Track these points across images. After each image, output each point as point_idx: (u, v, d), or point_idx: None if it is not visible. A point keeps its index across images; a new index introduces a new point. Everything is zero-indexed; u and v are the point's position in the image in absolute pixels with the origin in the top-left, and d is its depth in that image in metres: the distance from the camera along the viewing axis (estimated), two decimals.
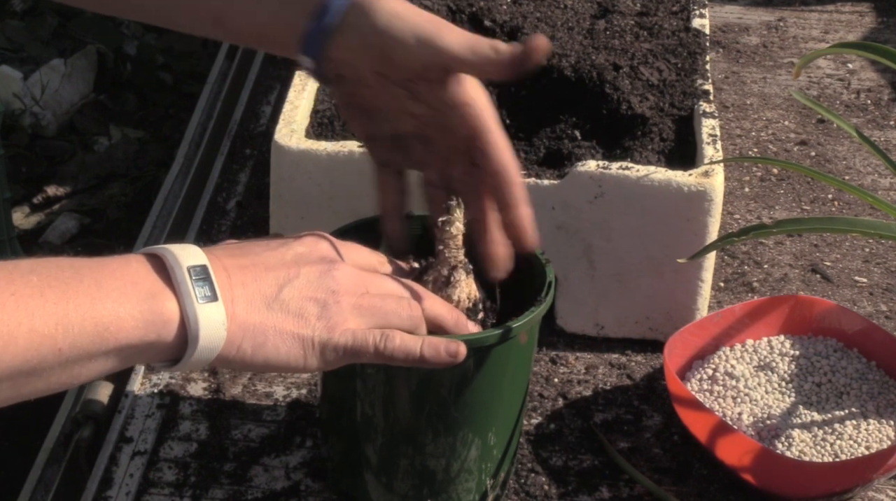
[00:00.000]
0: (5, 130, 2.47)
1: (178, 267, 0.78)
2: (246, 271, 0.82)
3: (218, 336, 0.79)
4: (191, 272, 0.78)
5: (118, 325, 0.75)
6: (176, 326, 0.77)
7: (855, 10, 1.91)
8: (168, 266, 0.78)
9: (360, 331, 0.85)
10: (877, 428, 1.08)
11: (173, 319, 0.77)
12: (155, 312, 0.76)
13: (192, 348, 0.78)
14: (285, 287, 0.83)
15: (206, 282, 0.79)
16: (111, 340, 0.75)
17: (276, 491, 1.05)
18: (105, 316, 0.74)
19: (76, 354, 0.73)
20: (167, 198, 1.46)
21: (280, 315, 0.82)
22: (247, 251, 0.84)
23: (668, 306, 1.19)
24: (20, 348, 0.71)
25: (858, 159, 1.55)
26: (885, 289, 1.33)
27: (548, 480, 1.07)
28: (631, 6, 1.41)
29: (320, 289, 0.84)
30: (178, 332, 0.77)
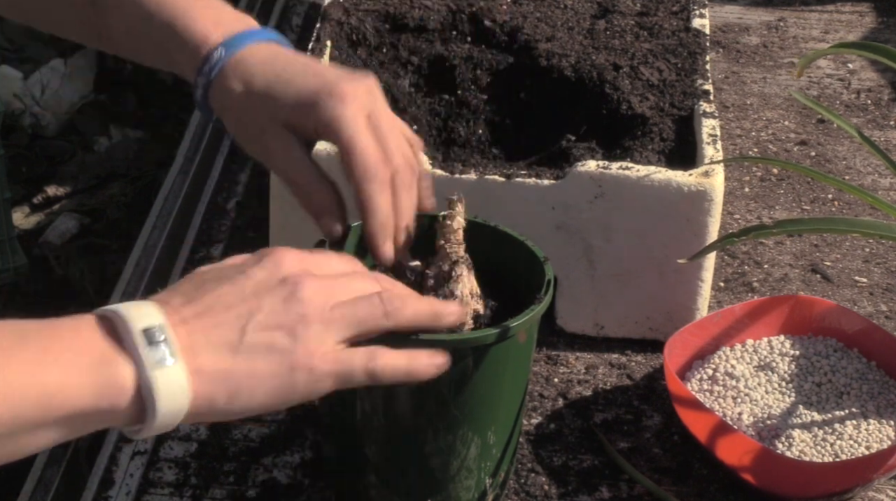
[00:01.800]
0: (5, 130, 2.47)
1: (129, 332, 0.73)
2: (204, 318, 0.77)
3: (179, 398, 0.74)
4: (146, 335, 0.73)
5: (65, 393, 0.70)
6: (131, 393, 0.72)
7: (855, 10, 1.91)
8: (119, 330, 0.73)
9: (343, 354, 0.80)
10: (877, 428, 1.08)
11: (127, 386, 0.72)
12: (107, 379, 0.72)
13: (152, 416, 0.73)
14: (248, 324, 0.77)
15: (163, 344, 0.73)
16: (57, 409, 0.70)
17: (277, 491, 1.05)
18: (50, 383, 0.70)
19: (19, 424, 0.70)
20: (167, 198, 1.46)
21: (249, 357, 0.77)
22: (204, 291, 0.78)
23: (668, 306, 1.19)
24: None
25: (858, 159, 1.55)
26: (885, 289, 1.33)
27: (548, 480, 1.07)
28: (631, 6, 1.41)
29: (287, 317, 0.78)
30: (133, 399, 0.73)
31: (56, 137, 2.56)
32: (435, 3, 1.34)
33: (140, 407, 0.73)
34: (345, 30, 1.33)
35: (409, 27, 1.33)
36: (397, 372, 0.82)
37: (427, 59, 1.31)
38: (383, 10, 1.34)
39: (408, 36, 1.33)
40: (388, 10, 1.33)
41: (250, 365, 0.76)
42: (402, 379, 0.83)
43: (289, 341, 0.78)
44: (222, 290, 0.79)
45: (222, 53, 0.94)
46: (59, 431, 0.72)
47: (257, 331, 0.77)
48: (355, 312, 0.81)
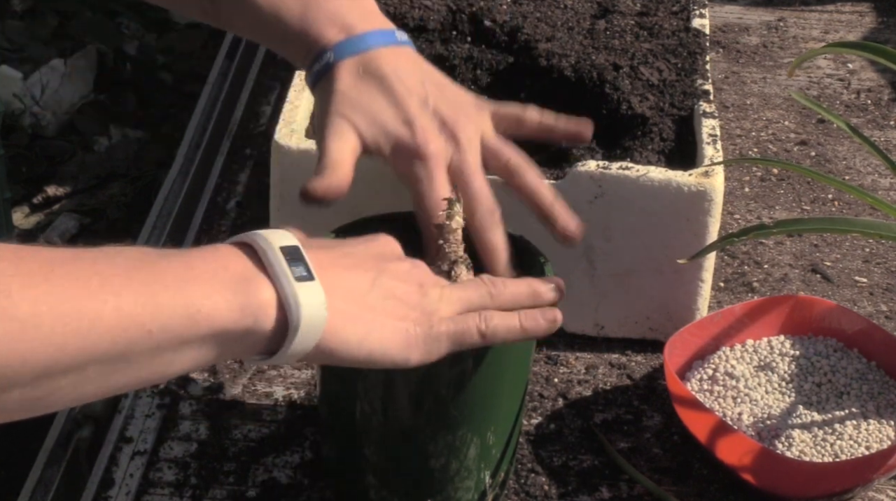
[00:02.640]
0: (5, 130, 2.47)
1: (270, 249, 0.75)
2: (337, 262, 0.80)
3: (318, 317, 0.76)
4: (284, 252, 0.76)
5: (211, 308, 0.71)
6: (274, 310, 0.74)
7: (855, 10, 1.91)
8: (259, 249, 0.76)
9: (458, 317, 0.84)
10: (877, 428, 1.08)
11: (270, 303, 0.74)
12: (250, 295, 0.73)
13: (294, 333, 0.75)
14: (377, 279, 0.82)
15: (301, 263, 0.76)
16: (204, 325, 0.71)
17: (276, 491, 1.05)
18: (196, 298, 0.71)
19: (167, 339, 0.70)
20: (167, 198, 1.46)
21: (378, 306, 0.80)
22: (330, 247, 0.83)
23: (668, 306, 1.19)
24: (106, 327, 0.67)
25: (858, 159, 1.55)
26: (885, 289, 1.33)
27: (548, 480, 1.07)
28: (631, 6, 1.41)
29: (410, 282, 0.84)
30: (276, 317, 0.74)
31: (56, 137, 2.56)
32: (435, 3, 1.34)
33: (281, 327, 0.75)
34: None
35: (409, 27, 1.33)
36: (512, 330, 0.87)
37: (427, 59, 1.31)
38: (383, 9, 1.33)
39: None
40: (388, 10, 1.33)
41: (379, 315, 0.80)
42: (516, 337, 0.87)
43: (412, 302, 0.83)
44: (349, 249, 0.84)
45: (331, 57, 0.98)
46: (203, 351, 0.73)
47: (386, 287, 0.82)
48: (465, 290, 0.87)
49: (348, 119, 0.97)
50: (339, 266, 0.81)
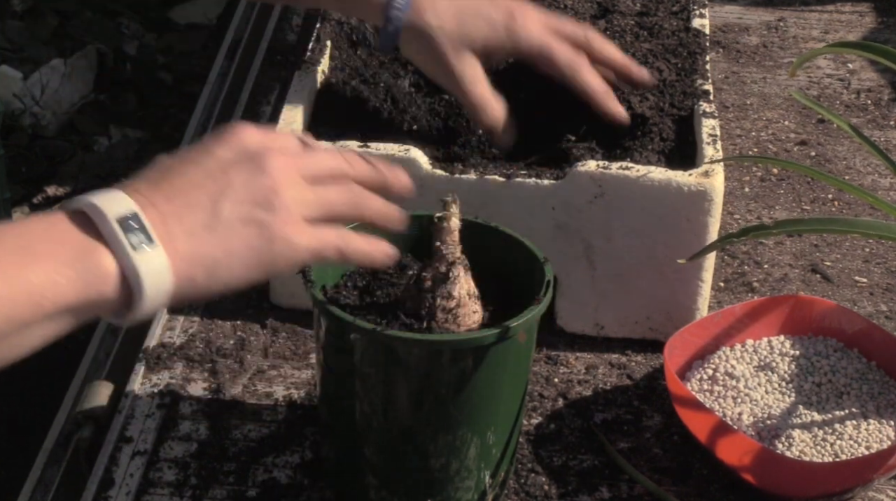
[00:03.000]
0: (5, 130, 2.47)
1: (105, 221, 0.74)
2: (175, 200, 0.78)
3: (163, 281, 0.75)
4: (119, 222, 0.74)
5: (52, 289, 0.72)
6: (116, 280, 0.74)
7: (855, 10, 1.91)
8: (94, 221, 0.75)
9: (318, 230, 0.82)
10: (877, 428, 1.08)
11: (111, 273, 0.74)
12: (90, 270, 0.73)
13: (139, 299, 0.75)
14: (219, 201, 0.79)
15: (139, 230, 0.75)
16: (48, 305, 0.72)
17: (276, 491, 1.05)
18: (36, 281, 0.71)
19: (11, 326, 0.71)
20: None
21: (224, 233, 0.78)
22: (170, 175, 0.80)
23: (668, 306, 1.19)
24: None
25: (858, 159, 1.55)
26: (885, 289, 1.33)
27: (548, 480, 1.07)
28: (631, 6, 1.41)
29: (257, 191, 0.80)
30: (120, 286, 0.74)
31: (56, 137, 2.56)
32: None
33: (126, 294, 0.75)
34: (345, 30, 1.33)
35: None
36: (364, 254, 0.86)
37: None
38: None
39: None
40: None
41: (227, 242, 0.78)
42: (364, 261, 0.87)
43: (262, 213, 0.79)
44: (188, 172, 0.80)
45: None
46: (52, 326, 0.73)
47: (230, 207, 0.79)
48: (326, 192, 0.84)
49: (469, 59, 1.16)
50: (179, 207, 0.78)
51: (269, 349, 1.20)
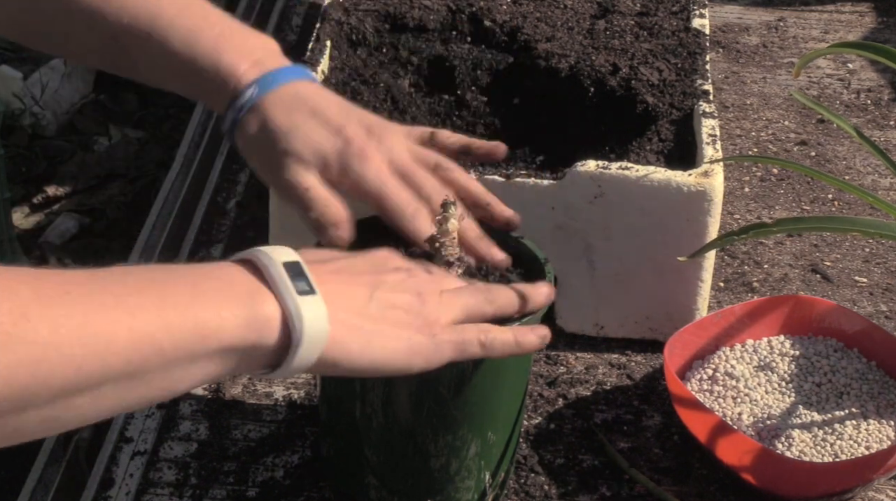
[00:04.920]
0: (5, 130, 2.47)
1: (273, 265, 0.77)
2: (337, 275, 0.82)
3: (321, 330, 0.77)
4: (286, 267, 0.77)
5: (219, 325, 0.73)
6: (278, 325, 0.76)
7: (855, 10, 1.91)
8: (261, 265, 0.77)
9: (460, 327, 0.86)
10: (877, 428, 1.08)
11: (274, 318, 0.76)
12: (256, 311, 0.75)
13: (297, 346, 0.76)
14: (376, 290, 0.83)
15: (302, 278, 0.78)
16: (213, 341, 0.73)
17: (276, 491, 1.05)
18: (205, 315, 0.73)
19: (179, 355, 0.72)
20: (167, 198, 1.46)
21: (379, 316, 0.82)
22: (326, 260, 0.84)
23: (668, 306, 1.19)
24: (121, 347, 0.69)
25: (858, 159, 1.55)
26: (885, 289, 1.33)
27: (548, 480, 1.07)
28: (631, 6, 1.41)
29: (408, 291, 0.85)
30: (280, 331, 0.76)
31: (56, 137, 2.56)
32: (435, 3, 1.34)
33: (285, 341, 0.76)
34: (344, 30, 1.33)
35: (408, 27, 1.33)
36: (507, 345, 0.89)
37: (427, 59, 1.31)
38: (383, 10, 1.34)
39: (408, 36, 1.33)
40: (388, 10, 1.33)
41: (381, 325, 0.82)
42: (511, 351, 0.89)
43: (413, 311, 0.84)
44: (347, 261, 0.85)
45: (254, 93, 0.99)
46: (212, 366, 0.74)
47: (385, 297, 0.83)
48: (464, 299, 0.88)
49: (295, 152, 0.98)
50: (338, 279, 0.82)
51: None
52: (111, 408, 0.71)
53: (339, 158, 0.98)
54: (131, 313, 0.70)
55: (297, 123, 0.98)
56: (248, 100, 0.99)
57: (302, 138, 0.98)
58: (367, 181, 0.97)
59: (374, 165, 0.98)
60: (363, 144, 0.98)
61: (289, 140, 0.97)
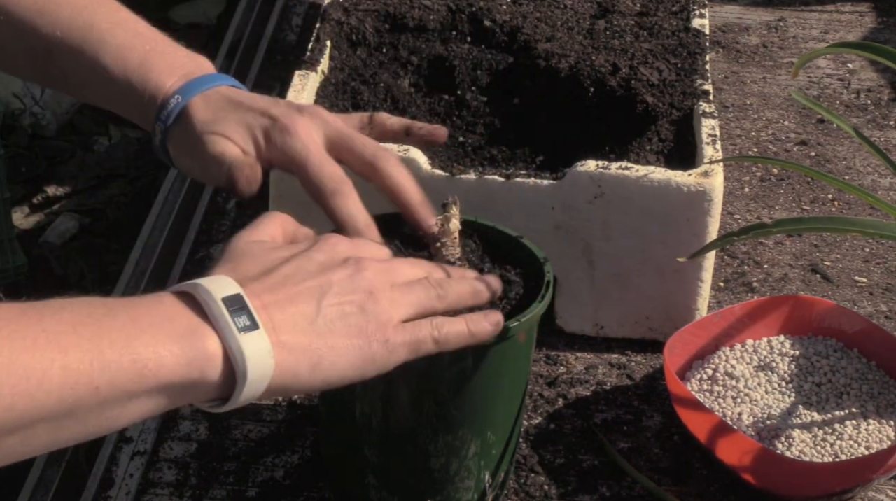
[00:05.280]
0: (5, 130, 2.47)
1: (213, 301, 0.75)
2: (277, 293, 0.79)
3: (266, 365, 0.76)
4: (226, 303, 0.75)
5: (157, 362, 0.72)
6: (220, 362, 0.74)
7: (855, 10, 1.91)
8: (200, 300, 0.75)
9: (411, 326, 0.84)
10: (877, 428, 1.08)
11: (216, 355, 0.74)
12: (196, 348, 0.74)
13: (242, 383, 0.75)
14: (322, 299, 0.80)
15: (244, 312, 0.76)
16: (151, 379, 0.72)
17: (277, 491, 1.05)
18: (143, 352, 0.71)
19: (114, 394, 0.70)
20: (167, 198, 1.46)
21: (327, 330, 0.80)
22: (268, 270, 0.81)
23: (668, 306, 1.19)
24: (54, 386, 0.67)
25: (858, 159, 1.55)
26: (885, 289, 1.33)
27: (548, 480, 1.07)
28: (631, 6, 1.41)
29: (356, 293, 0.82)
30: (223, 368, 0.75)
31: (56, 137, 2.56)
32: (435, 3, 1.34)
33: (228, 377, 0.75)
34: (345, 30, 1.33)
35: (408, 27, 1.33)
36: (461, 336, 0.87)
37: (427, 59, 1.31)
38: (383, 10, 1.34)
39: (407, 36, 1.33)
40: (388, 10, 1.33)
41: (329, 338, 0.79)
42: (465, 342, 0.87)
43: (363, 315, 0.81)
44: (287, 269, 0.82)
45: (178, 100, 0.98)
46: (151, 403, 0.73)
47: (332, 306, 0.80)
48: (414, 293, 0.85)
49: (219, 134, 0.97)
50: (282, 299, 0.79)
51: None
52: (45, 446, 0.70)
53: (265, 133, 0.96)
54: (64, 350, 0.68)
55: (221, 114, 0.97)
56: (173, 109, 0.98)
57: (227, 123, 0.97)
58: (294, 151, 0.95)
59: (300, 136, 0.96)
60: (291, 119, 0.97)
61: (213, 125, 0.96)
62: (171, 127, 0.98)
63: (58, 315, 0.70)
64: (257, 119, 0.97)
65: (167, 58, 1.00)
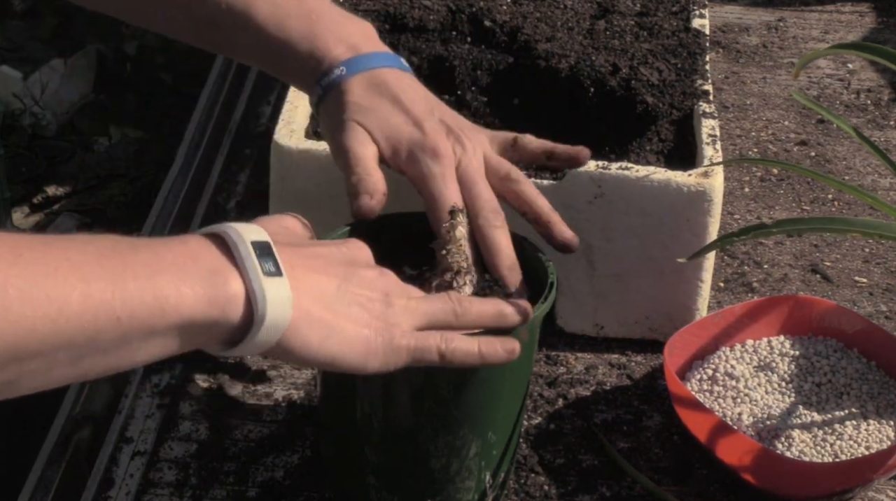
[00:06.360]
0: (5, 130, 2.47)
1: (242, 243, 0.76)
2: (306, 263, 0.80)
3: (284, 313, 0.76)
4: (254, 247, 0.76)
5: (179, 299, 0.72)
6: (241, 303, 0.75)
7: (855, 10, 1.91)
8: (230, 242, 0.76)
9: (421, 334, 0.84)
10: (877, 428, 1.08)
11: (238, 296, 0.75)
12: (218, 288, 0.74)
13: (258, 326, 0.75)
14: (343, 285, 0.82)
15: (270, 258, 0.76)
16: (172, 314, 0.72)
17: (277, 491, 1.05)
18: (165, 288, 0.72)
19: (135, 327, 0.71)
20: (167, 198, 1.46)
21: (342, 311, 0.81)
22: (299, 243, 0.83)
23: (668, 306, 1.19)
24: (74, 312, 0.68)
25: (858, 159, 1.55)
26: (885, 289, 1.33)
27: (548, 480, 1.07)
28: (631, 6, 1.41)
29: (375, 291, 0.83)
30: (243, 310, 0.75)
31: (56, 137, 2.56)
32: (435, 3, 1.34)
33: (246, 319, 0.75)
34: None
35: (408, 27, 1.33)
36: (470, 355, 0.87)
37: (427, 59, 1.31)
38: (383, 10, 1.34)
39: (408, 36, 1.32)
40: (388, 10, 1.33)
41: (342, 320, 0.80)
42: (473, 362, 0.87)
43: (377, 311, 0.83)
44: (318, 249, 0.84)
45: (342, 72, 1.00)
46: (169, 340, 0.73)
47: (352, 293, 0.82)
48: (431, 307, 0.87)
49: (365, 127, 0.99)
50: (308, 267, 0.81)
51: None
52: (65, 376, 0.70)
53: (410, 147, 0.98)
54: (87, 280, 0.68)
55: (376, 105, 0.99)
56: (334, 80, 1.00)
57: (377, 118, 0.99)
58: (430, 180, 0.97)
59: (441, 166, 0.97)
60: (439, 141, 0.99)
61: (364, 115, 0.99)
62: (325, 95, 1.00)
63: (82, 246, 0.71)
64: (408, 127, 0.99)
65: (333, 26, 1.02)
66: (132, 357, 0.72)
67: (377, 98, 0.99)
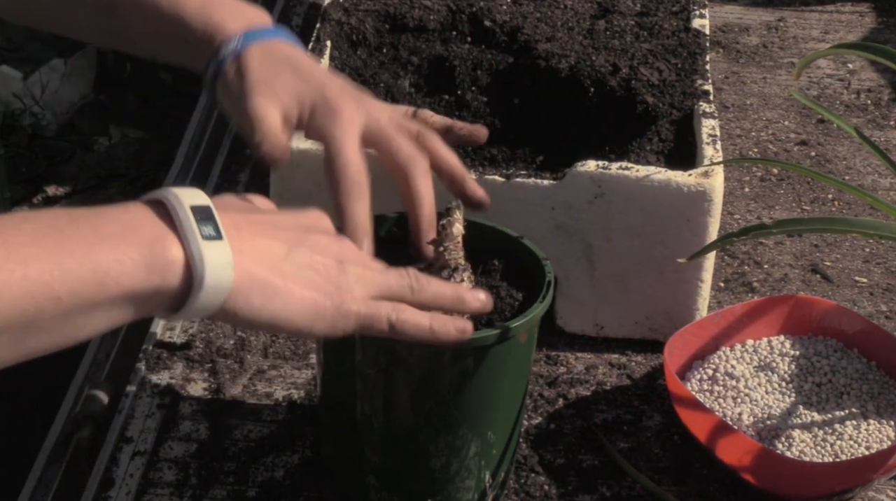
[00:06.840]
0: (5, 130, 2.47)
1: (181, 207, 0.76)
2: (255, 225, 0.80)
3: (225, 277, 0.76)
4: (194, 211, 0.76)
5: (118, 270, 0.72)
6: (181, 268, 0.75)
7: (855, 10, 1.91)
8: (169, 206, 0.76)
9: (373, 302, 0.84)
10: (877, 428, 1.08)
11: (177, 261, 0.74)
12: (157, 255, 0.74)
13: (198, 290, 0.75)
14: (295, 248, 0.81)
15: (210, 222, 0.76)
16: (113, 287, 0.72)
17: (277, 491, 1.05)
18: (104, 261, 0.72)
19: (77, 303, 0.71)
20: None
21: (291, 274, 0.80)
22: (252, 211, 0.83)
23: (668, 306, 1.19)
24: (14, 296, 0.68)
25: (858, 159, 1.55)
26: (885, 289, 1.33)
27: (548, 480, 1.07)
28: (631, 6, 1.41)
29: (328, 257, 0.83)
30: (183, 275, 0.75)
31: (56, 137, 2.56)
32: (435, 3, 1.34)
33: (187, 284, 0.75)
34: (345, 30, 1.33)
35: (409, 27, 1.33)
36: (420, 329, 0.86)
37: (427, 60, 1.31)
38: (383, 10, 1.34)
39: (408, 36, 1.33)
40: (388, 10, 1.33)
41: (290, 283, 0.80)
42: (423, 337, 0.86)
43: (328, 276, 0.82)
44: (272, 217, 0.83)
45: (240, 43, 1.00)
46: (114, 313, 0.74)
47: (303, 256, 0.81)
48: (387, 278, 0.86)
49: (267, 93, 0.98)
50: (255, 232, 0.80)
51: (269, 349, 1.20)
52: (13, 356, 0.71)
53: (313, 109, 0.98)
54: (24, 262, 0.69)
55: (276, 72, 0.99)
56: (232, 51, 0.99)
57: (279, 84, 0.98)
58: (331, 137, 0.96)
59: (342, 123, 0.97)
60: (341, 103, 0.98)
61: (265, 82, 0.98)
62: (225, 68, 1.00)
63: (20, 226, 0.71)
64: (309, 92, 0.98)
65: (229, 5, 1.03)
66: (76, 333, 0.73)
67: (277, 65, 0.99)
